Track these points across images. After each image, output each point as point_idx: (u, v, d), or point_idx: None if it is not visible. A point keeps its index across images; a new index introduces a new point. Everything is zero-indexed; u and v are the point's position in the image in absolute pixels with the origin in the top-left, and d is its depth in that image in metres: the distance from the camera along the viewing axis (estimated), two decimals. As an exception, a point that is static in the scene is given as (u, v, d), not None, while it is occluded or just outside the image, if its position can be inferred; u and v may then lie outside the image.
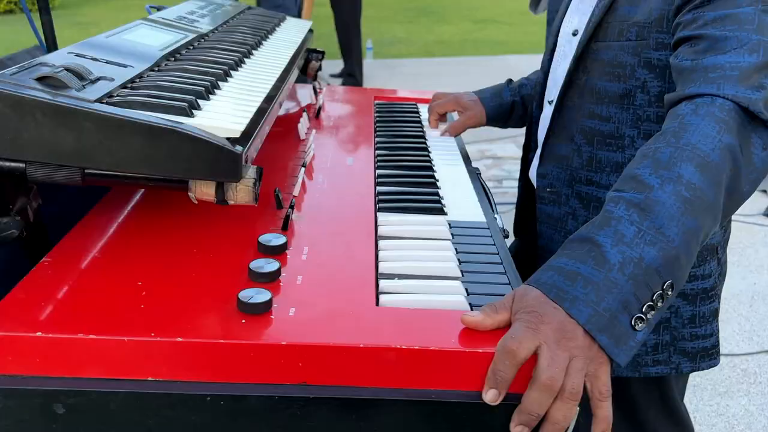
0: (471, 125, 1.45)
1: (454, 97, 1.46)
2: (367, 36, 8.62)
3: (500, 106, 1.45)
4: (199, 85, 0.86)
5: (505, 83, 1.48)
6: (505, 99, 1.45)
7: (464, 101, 1.44)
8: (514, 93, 1.45)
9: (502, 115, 1.46)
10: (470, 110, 1.44)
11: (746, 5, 0.87)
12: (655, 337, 1.14)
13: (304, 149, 1.25)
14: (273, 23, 1.51)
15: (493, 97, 1.45)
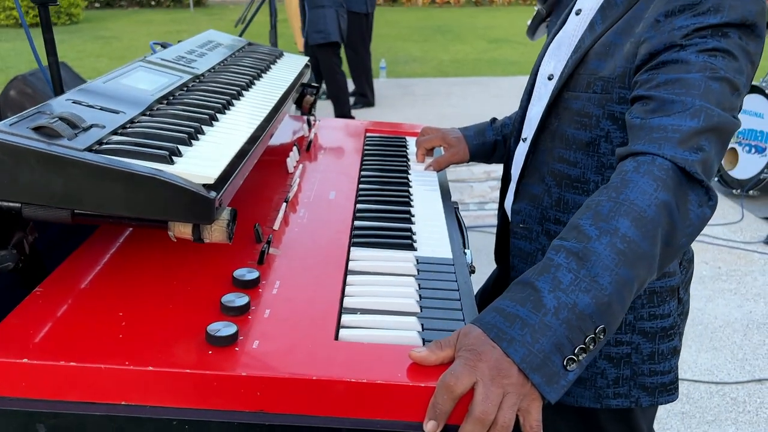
0: (455, 162, 1.52)
1: (441, 134, 1.53)
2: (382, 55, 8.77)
3: (483, 145, 1.52)
4: (183, 131, 0.95)
5: (489, 122, 1.55)
6: (488, 138, 1.52)
7: (450, 138, 1.52)
8: (496, 132, 1.52)
9: (485, 152, 1.53)
10: (455, 147, 1.51)
11: (695, 71, 0.93)
12: (616, 371, 1.20)
13: (290, 183, 1.32)
14: (269, 60, 1.59)
15: (476, 136, 1.52)
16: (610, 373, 1.19)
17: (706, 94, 0.91)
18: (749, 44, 0.95)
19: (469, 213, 4.16)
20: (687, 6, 0.95)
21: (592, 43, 1.09)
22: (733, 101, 0.94)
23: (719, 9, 0.93)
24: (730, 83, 0.93)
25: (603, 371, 1.19)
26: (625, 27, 1.05)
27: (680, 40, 0.94)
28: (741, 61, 0.95)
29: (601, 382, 1.20)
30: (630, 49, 1.02)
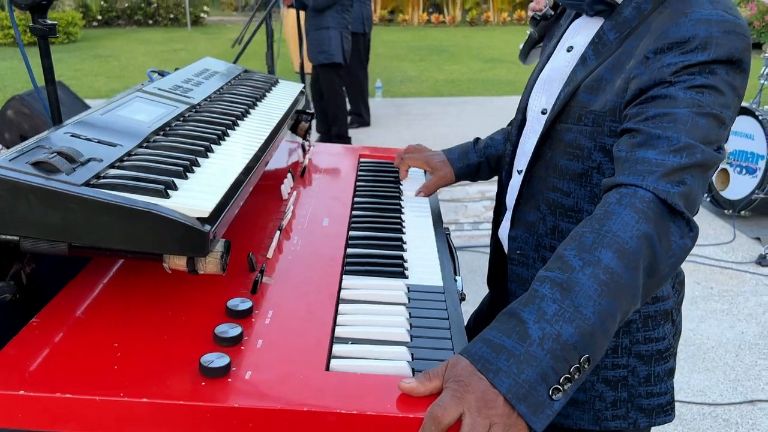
0: (442, 185, 1.55)
1: (425, 158, 1.57)
2: (378, 74, 8.85)
3: (467, 166, 1.55)
4: (178, 164, 0.97)
5: (471, 143, 1.58)
6: (472, 159, 1.55)
7: (434, 162, 1.55)
8: (480, 153, 1.55)
9: (470, 173, 1.56)
10: (440, 171, 1.55)
11: (683, 107, 0.95)
12: (614, 393, 1.22)
13: (284, 209, 1.35)
14: (264, 88, 1.62)
15: (460, 158, 1.55)
16: (608, 395, 1.21)
17: (693, 130, 0.94)
18: (735, 79, 0.98)
19: (464, 233, 4.18)
20: (675, 44, 0.98)
21: (583, 78, 1.12)
22: (720, 134, 0.97)
23: (706, 47, 0.96)
24: (716, 118, 0.96)
25: (601, 394, 1.21)
26: (616, 63, 1.08)
27: (669, 76, 0.97)
28: (728, 96, 0.98)
29: (599, 405, 1.21)
30: (621, 85, 1.05)
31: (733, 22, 0.98)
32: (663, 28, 1.00)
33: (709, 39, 0.96)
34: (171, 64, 10.69)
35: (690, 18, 0.98)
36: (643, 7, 1.08)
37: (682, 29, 0.98)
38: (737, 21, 0.98)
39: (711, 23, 0.97)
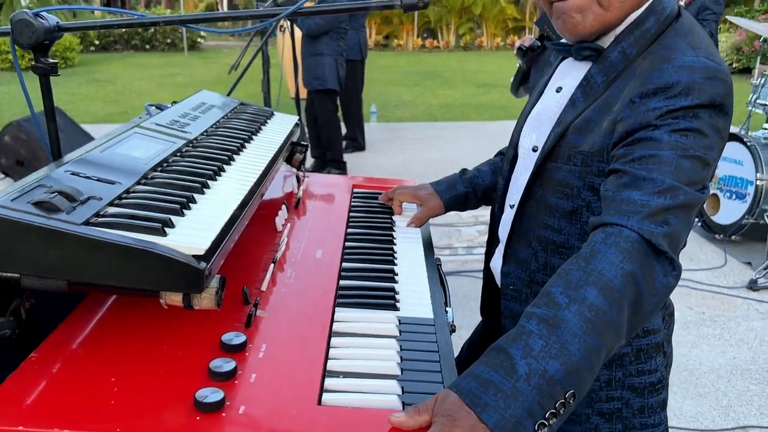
0: (432, 215, 1.59)
1: (413, 192, 1.62)
2: (373, 99, 8.93)
3: (455, 197, 1.59)
4: (175, 201, 1.00)
5: (458, 174, 1.62)
6: (459, 190, 1.59)
7: (422, 195, 1.59)
8: (467, 184, 1.59)
9: (458, 204, 1.60)
10: (429, 202, 1.58)
11: (668, 149, 0.99)
12: (609, 425, 1.24)
13: (279, 241, 1.37)
14: (260, 121, 1.66)
15: (448, 189, 1.59)
16: (603, 428, 1.23)
17: (677, 172, 0.97)
18: (718, 122, 1.02)
19: (457, 258, 4.21)
20: (660, 89, 1.01)
21: (573, 119, 1.16)
22: (704, 175, 1.00)
23: (689, 92, 1.00)
24: (700, 160, 0.99)
25: (596, 426, 1.23)
26: (603, 105, 1.12)
27: (654, 120, 1.00)
28: (711, 138, 1.01)
29: None
30: (608, 127, 1.09)
31: (715, 69, 1.01)
32: (648, 73, 1.04)
33: (692, 85, 0.99)
34: (168, 89, 10.78)
35: (673, 64, 1.02)
36: (628, 51, 1.12)
37: (665, 75, 1.01)
38: (719, 67, 1.02)
39: (694, 70, 1.00)
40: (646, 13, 1.12)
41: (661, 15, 1.11)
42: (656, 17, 1.11)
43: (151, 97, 10.06)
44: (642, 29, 1.11)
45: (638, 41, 1.11)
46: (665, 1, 1.13)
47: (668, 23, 1.11)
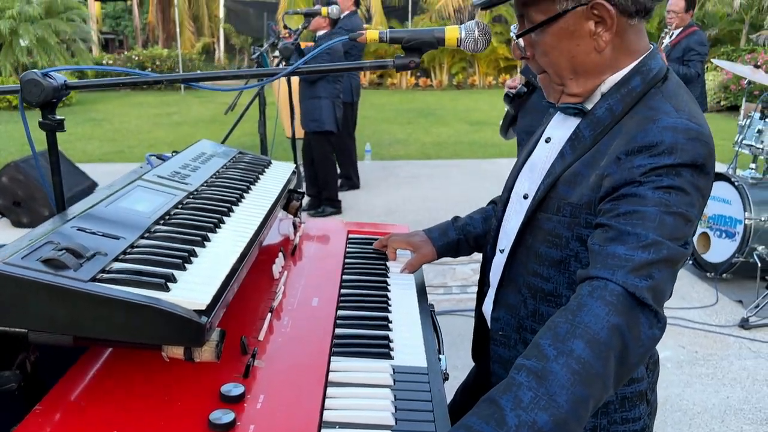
0: (425, 262, 1.63)
1: (406, 239, 1.66)
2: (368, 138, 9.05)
3: (448, 244, 1.63)
4: (177, 256, 1.04)
5: (450, 221, 1.66)
6: (451, 237, 1.63)
7: (415, 241, 1.64)
8: (459, 231, 1.63)
9: (451, 250, 1.64)
10: (422, 249, 1.63)
11: (651, 205, 1.03)
12: None
13: (275, 289, 1.41)
14: (258, 171, 1.71)
15: (440, 237, 1.64)
16: None
17: (660, 228, 1.01)
18: (700, 181, 1.06)
19: (452, 296, 4.23)
20: (644, 147, 1.06)
21: (562, 171, 1.21)
22: (686, 231, 1.05)
23: (672, 151, 1.05)
24: (682, 216, 1.04)
25: None
26: (591, 160, 1.17)
27: (639, 177, 1.05)
28: (693, 196, 1.05)
29: None
30: (595, 181, 1.13)
31: (697, 131, 1.07)
32: (634, 132, 1.09)
33: (675, 145, 1.04)
34: (164, 128, 10.89)
35: (658, 125, 1.07)
36: (614, 108, 1.17)
37: (650, 135, 1.07)
38: (700, 129, 1.07)
39: (677, 130, 1.06)
40: (632, 73, 1.18)
41: (647, 75, 1.17)
42: (642, 77, 1.17)
43: (147, 135, 10.16)
44: (628, 87, 1.17)
45: (624, 99, 1.17)
46: (652, 63, 1.18)
47: (654, 83, 1.17)
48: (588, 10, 1.12)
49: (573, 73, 1.19)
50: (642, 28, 1.19)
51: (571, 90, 1.20)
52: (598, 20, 1.13)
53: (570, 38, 1.15)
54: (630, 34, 1.17)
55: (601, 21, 1.13)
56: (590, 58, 1.17)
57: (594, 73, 1.18)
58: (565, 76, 1.19)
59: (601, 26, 1.13)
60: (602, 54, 1.16)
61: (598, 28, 1.14)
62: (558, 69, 1.19)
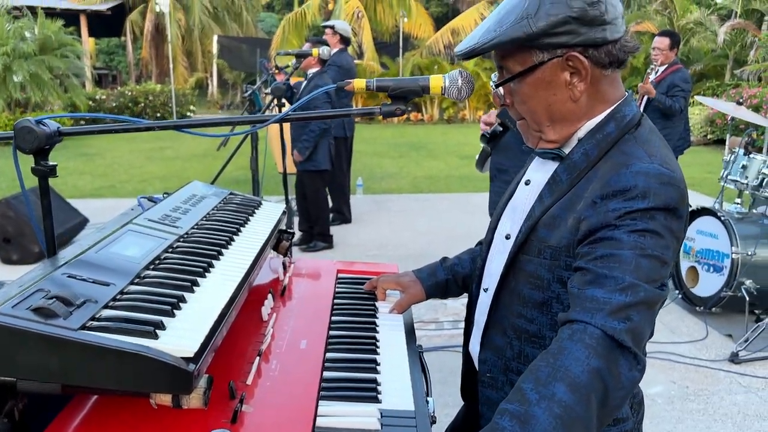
0: (414, 302, 1.65)
1: (396, 279, 1.68)
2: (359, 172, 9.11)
3: (436, 285, 1.65)
4: (166, 302, 1.05)
5: (439, 262, 1.69)
6: (440, 277, 1.65)
7: (404, 281, 1.66)
8: (447, 272, 1.66)
9: (439, 291, 1.66)
10: (411, 289, 1.65)
11: (627, 249, 1.06)
12: None
13: (264, 332, 1.42)
14: (249, 212, 1.74)
15: (429, 277, 1.66)
16: None
17: (636, 270, 1.04)
18: (673, 224, 1.10)
19: (443, 332, 4.23)
20: (619, 192, 1.10)
21: (541, 214, 1.24)
22: (662, 273, 1.08)
23: (646, 195, 1.08)
24: (658, 259, 1.06)
25: None
26: (568, 203, 1.20)
27: (614, 220, 1.09)
28: (667, 239, 1.09)
29: None
30: (573, 224, 1.17)
31: (669, 176, 1.10)
32: (608, 177, 1.13)
33: (648, 189, 1.08)
34: (156, 163, 10.93)
35: (631, 170, 1.11)
36: (590, 153, 1.21)
37: (623, 179, 1.10)
38: (672, 174, 1.11)
39: (649, 175, 1.09)
40: (607, 119, 1.22)
41: (621, 121, 1.21)
42: (616, 123, 1.21)
43: (140, 170, 10.19)
44: (603, 133, 1.21)
45: (599, 144, 1.21)
46: (626, 109, 1.23)
47: (628, 129, 1.21)
48: (563, 62, 1.17)
49: (550, 121, 1.23)
50: (617, 78, 1.24)
51: (549, 137, 1.24)
52: (573, 71, 1.17)
53: (546, 88, 1.19)
54: (604, 84, 1.21)
55: (576, 72, 1.17)
56: (566, 106, 1.21)
57: (570, 120, 1.22)
58: (543, 123, 1.24)
59: (576, 77, 1.18)
60: (578, 102, 1.21)
61: (573, 78, 1.18)
62: (536, 117, 1.23)
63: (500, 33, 1.15)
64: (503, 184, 3.09)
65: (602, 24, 1.15)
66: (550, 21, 1.13)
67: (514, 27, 1.14)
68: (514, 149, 3.06)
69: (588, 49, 1.16)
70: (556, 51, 1.16)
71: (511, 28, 1.15)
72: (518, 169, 3.16)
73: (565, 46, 1.15)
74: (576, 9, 1.13)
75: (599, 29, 1.15)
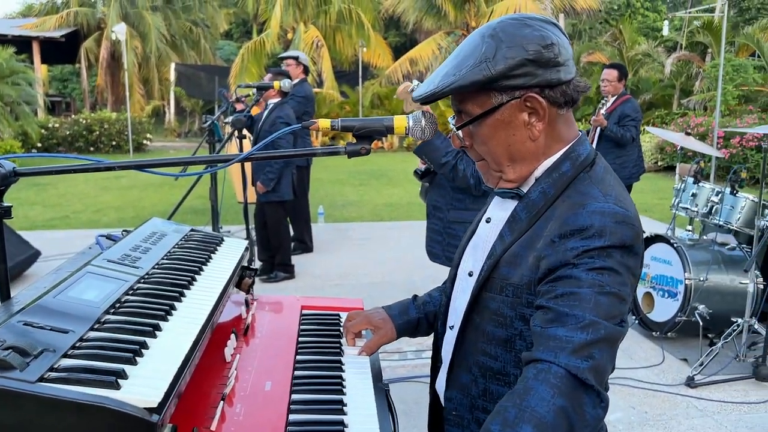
0: (384, 343, 1.62)
1: (366, 317, 1.64)
2: (321, 200, 9.11)
3: (408, 323, 1.64)
4: (128, 349, 1.03)
5: (411, 300, 1.67)
6: (412, 316, 1.64)
7: (375, 320, 1.63)
8: (419, 310, 1.64)
9: (410, 329, 1.64)
10: (382, 328, 1.62)
11: (586, 287, 1.09)
12: None
13: (228, 374, 1.39)
14: (211, 249, 1.71)
15: (401, 315, 1.63)
16: None
17: (596, 308, 1.07)
18: (629, 261, 1.13)
19: (407, 362, 4.21)
20: (576, 231, 1.13)
21: (502, 252, 1.26)
22: (621, 309, 1.11)
23: (602, 234, 1.11)
24: (616, 296, 1.09)
25: None
26: (528, 242, 1.22)
27: (573, 259, 1.11)
28: (624, 276, 1.12)
29: None
30: (533, 262, 1.19)
31: (623, 214, 1.14)
32: (565, 216, 1.16)
33: (604, 228, 1.11)
34: (112, 192, 10.71)
35: (587, 209, 1.14)
36: (547, 191, 1.25)
37: (580, 219, 1.14)
38: (626, 213, 1.15)
39: (604, 215, 1.13)
40: (562, 158, 1.26)
41: (576, 160, 1.25)
42: (572, 162, 1.25)
43: (94, 200, 9.97)
44: (559, 172, 1.25)
45: (556, 183, 1.24)
46: (581, 149, 1.27)
47: (583, 168, 1.25)
48: (521, 103, 1.20)
49: (510, 161, 1.26)
50: (570, 117, 1.28)
51: (509, 176, 1.28)
52: (531, 111, 1.21)
53: (506, 128, 1.23)
54: (560, 123, 1.25)
55: (534, 112, 1.21)
56: (525, 146, 1.24)
57: (530, 159, 1.26)
58: (503, 164, 1.26)
59: (534, 116, 1.22)
60: (536, 142, 1.24)
61: (531, 118, 1.22)
62: (496, 157, 1.26)
63: (460, 77, 1.18)
64: (438, 221, 3.12)
65: (556, 66, 1.19)
66: (508, 64, 1.16)
67: (474, 71, 1.17)
68: (446, 187, 3.12)
69: (544, 89, 1.20)
70: (514, 92, 1.19)
71: (471, 71, 1.18)
72: (451, 208, 3.19)
73: (522, 88, 1.19)
74: (532, 52, 1.17)
75: (554, 70, 1.19)
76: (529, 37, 1.18)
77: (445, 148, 2.86)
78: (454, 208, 3.02)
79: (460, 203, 3.00)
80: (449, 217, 3.05)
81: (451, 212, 3.04)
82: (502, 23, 1.22)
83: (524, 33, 1.18)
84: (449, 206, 3.05)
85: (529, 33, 1.18)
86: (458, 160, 2.87)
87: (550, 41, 1.18)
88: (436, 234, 3.16)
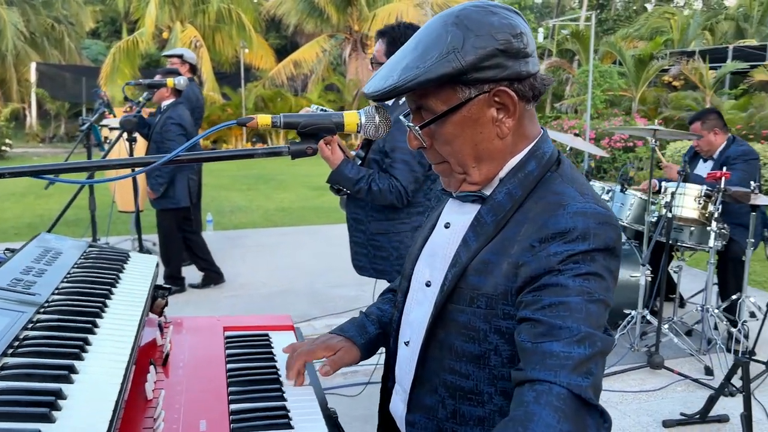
0: (346, 363, 1.40)
1: (323, 345, 1.40)
2: (207, 207, 8.66)
3: (370, 341, 1.44)
4: (41, 403, 0.81)
5: (363, 315, 1.48)
6: (372, 333, 1.44)
7: (334, 344, 1.40)
8: (376, 325, 1.46)
9: (372, 347, 1.45)
10: (346, 355, 1.40)
11: (575, 295, 1.00)
12: None
13: (155, 415, 1.18)
14: (117, 268, 1.47)
15: (361, 334, 1.43)
16: None
17: (588, 318, 0.99)
18: (611, 264, 1.06)
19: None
20: (558, 234, 1.04)
21: (469, 260, 1.14)
22: (605, 316, 1.04)
23: (586, 237, 1.03)
24: (603, 303, 1.02)
25: None
26: (500, 247, 1.12)
27: (557, 265, 1.02)
28: (608, 281, 1.05)
29: None
30: (508, 269, 1.09)
31: (605, 215, 1.07)
32: (543, 218, 1.07)
33: (588, 230, 1.04)
34: (-33, 204, 9.60)
35: (567, 211, 1.06)
36: (514, 192, 1.15)
37: (561, 221, 1.05)
38: (608, 213, 1.08)
39: (587, 216, 1.05)
40: (527, 157, 1.17)
41: (541, 159, 1.17)
42: (537, 161, 1.17)
43: (-55, 213, 8.87)
44: (525, 172, 1.16)
45: (522, 183, 1.15)
46: (545, 146, 1.19)
47: (549, 167, 1.17)
48: (490, 98, 1.11)
49: (476, 161, 1.16)
50: (534, 113, 1.20)
51: (473, 178, 1.17)
52: (500, 107, 1.12)
53: (473, 126, 1.12)
54: (526, 119, 1.17)
55: (503, 107, 1.12)
56: (493, 144, 1.15)
57: (498, 159, 1.16)
58: (469, 164, 1.16)
59: (503, 112, 1.12)
60: (505, 140, 1.15)
61: (500, 114, 1.12)
62: (461, 157, 1.16)
63: (426, 69, 1.06)
64: (360, 234, 2.98)
65: (525, 57, 1.10)
66: (478, 54, 1.06)
67: (441, 62, 1.06)
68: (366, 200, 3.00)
69: (514, 83, 1.10)
70: (483, 86, 1.09)
71: (438, 63, 1.06)
72: (372, 219, 3.06)
73: (492, 81, 1.09)
74: (502, 41, 1.07)
75: (523, 62, 1.10)
76: (497, 26, 1.08)
77: (356, 176, 2.72)
78: (374, 220, 2.88)
79: (380, 214, 2.87)
80: (371, 229, 2.91)
81: (372, 224, 2.90)
82: (466, 10, 1.11)
83: (491, 21, 1.08)
84: (369, 218, 2.91)
85: (497, 21, 1.09)
86: (371, 182, 2.74)
87: (519, 30, 1.09)
88: (360, 247, 3.00)
